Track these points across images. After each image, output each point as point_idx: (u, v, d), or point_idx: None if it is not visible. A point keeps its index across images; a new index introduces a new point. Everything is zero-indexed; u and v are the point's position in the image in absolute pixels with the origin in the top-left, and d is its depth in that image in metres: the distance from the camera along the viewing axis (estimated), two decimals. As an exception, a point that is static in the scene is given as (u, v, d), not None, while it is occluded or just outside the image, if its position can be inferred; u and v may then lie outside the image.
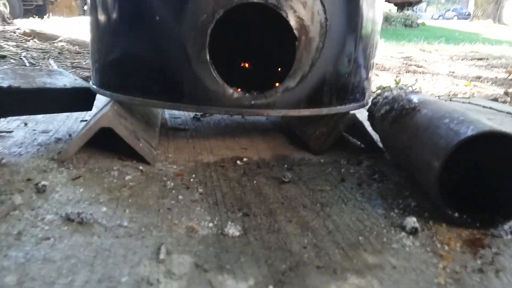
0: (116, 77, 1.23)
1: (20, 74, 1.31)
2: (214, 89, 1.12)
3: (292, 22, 1.10)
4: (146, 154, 1.10)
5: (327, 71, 1.19)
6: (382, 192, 1.02)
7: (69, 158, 1.08)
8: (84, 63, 3.34)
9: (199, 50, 1.10)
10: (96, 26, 1.26)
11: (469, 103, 2.20)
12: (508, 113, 1.99)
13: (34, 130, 1.34)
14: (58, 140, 1.26)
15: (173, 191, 0.95)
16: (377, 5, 1.28)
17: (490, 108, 2.06)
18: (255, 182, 1.04)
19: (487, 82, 4.20)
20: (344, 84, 1.24)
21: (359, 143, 1.40)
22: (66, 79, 1.37)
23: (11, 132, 1.30)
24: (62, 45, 4.22)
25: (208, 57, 1.10)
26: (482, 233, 0.85)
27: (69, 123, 1.45)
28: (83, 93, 1.33)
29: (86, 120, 1.45)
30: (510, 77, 4.45)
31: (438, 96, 3.28)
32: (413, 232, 0.83)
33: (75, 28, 5.19)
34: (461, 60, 6.24)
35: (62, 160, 1.07)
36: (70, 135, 1.31)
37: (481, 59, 6.45)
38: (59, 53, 3.91)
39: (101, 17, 1.22)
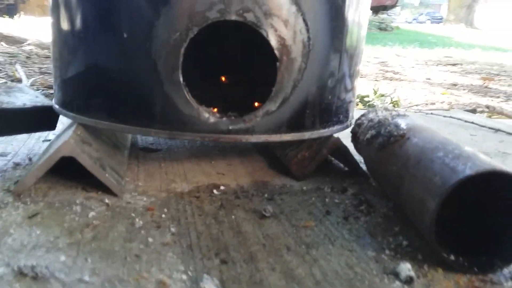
0: (80, 96, 1.12)
1: (-26, 92, 1.19)
2: (188, 113, 1.03)
3: (273, 41, 1.01)
4: (112, 185, 0.99)
5: (309, 93, 1.11)
6: (370, 228, 0.95)
7: (26, 190, 0.97)
8: (52, 69, 3.20)
9: (172, 71, 1.00)
10: (58, 32, 1.14)
11: (450, 116, 2.16)
12: (490, 128, 1.95)
13: (-10, 153, 1.22)
14: (16, 165, 1.15)
15: (142, 232, 0.86)
16: (363, 21, 1.21)
17: (472, 122, 2.02)
18: (233, 217, 0.95)
19: (463, 89, 4.22)
20: (328, 105, 1.17)
21: (342, 165, 1.33)
22: (26, 97, 1.26)
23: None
24: (31, 49, 4.06)
25: (181, 79, 1.00)
26: (480, 280, 0.78)
27: (31, 144, 1.33)
28: (45, 112, 1.22)
29: (49, 140, 1.34)
30: (485, 85, 4.48)
31: (416, 105, 3.25)
32: (408, 281, 0.75)
33: (46, 29, 5.01)
34: (436, 65, 6.30)
35: (18, 193, 0.96)
36: (30, 159, 1.20)
37: (455, 64, 6.54)
38: (27, 57, 3.75)
39: (63, 22, 1.10)
